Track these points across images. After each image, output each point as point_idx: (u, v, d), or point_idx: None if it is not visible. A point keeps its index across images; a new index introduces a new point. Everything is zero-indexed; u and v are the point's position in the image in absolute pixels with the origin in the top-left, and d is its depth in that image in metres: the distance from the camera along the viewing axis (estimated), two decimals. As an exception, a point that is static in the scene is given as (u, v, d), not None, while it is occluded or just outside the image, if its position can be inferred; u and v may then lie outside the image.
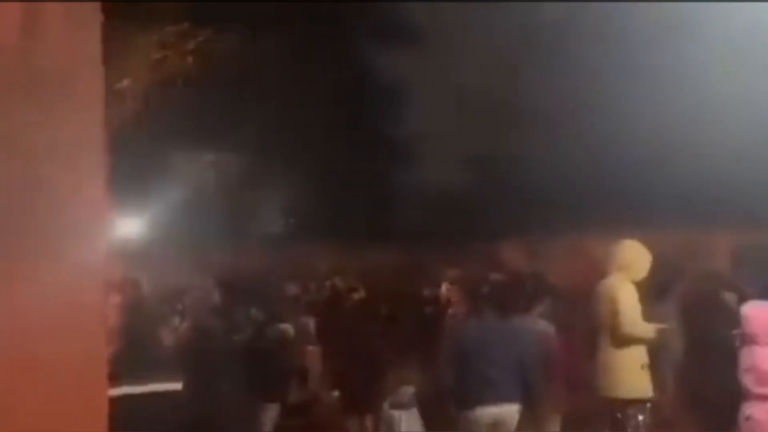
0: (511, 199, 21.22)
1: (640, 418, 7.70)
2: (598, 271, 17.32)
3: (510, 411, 7.42)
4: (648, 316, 8.07)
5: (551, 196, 20.76)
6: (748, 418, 6.15)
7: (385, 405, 8.81)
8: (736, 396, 6.42)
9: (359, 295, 13.42)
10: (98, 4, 2.89)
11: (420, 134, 22.93)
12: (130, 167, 21.85)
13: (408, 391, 8.48)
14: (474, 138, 22.27)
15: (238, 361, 8.50)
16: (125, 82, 19.18)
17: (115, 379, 5.13)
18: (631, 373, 7.70)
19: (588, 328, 8.66)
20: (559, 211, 19.50)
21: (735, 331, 6.56)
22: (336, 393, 11.69)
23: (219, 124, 21.31)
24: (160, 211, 22.70)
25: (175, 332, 9.49)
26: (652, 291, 8.48)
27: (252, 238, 22.78)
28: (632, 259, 8.08)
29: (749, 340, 6.38)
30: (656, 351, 8.06)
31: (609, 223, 18.54)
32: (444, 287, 13.89)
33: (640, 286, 8.24)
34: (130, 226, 24.09)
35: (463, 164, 22.19)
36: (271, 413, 9.58)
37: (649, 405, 7.79)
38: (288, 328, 10.65)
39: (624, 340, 7.76)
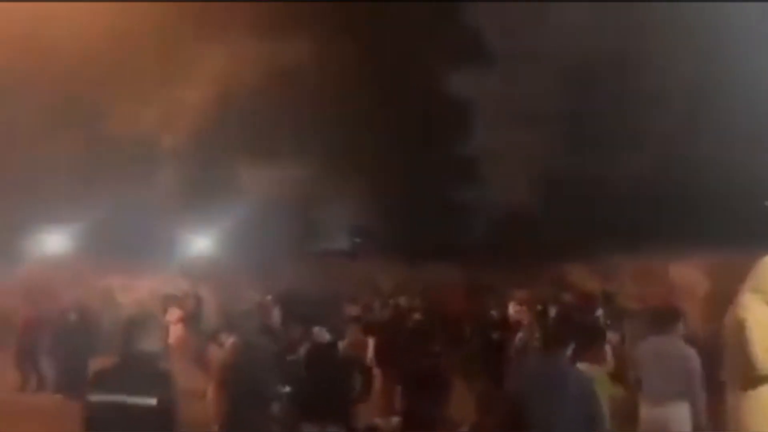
0: (581, 219, 20.39)
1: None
2: (675, 293, 16.67)
3: None
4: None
5: (622, 216, 19.88)
6: None
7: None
8: None
9: (421, 315, 12.87)
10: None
11: (487, 153, 22.31)
12: (196, 181, 21.85)
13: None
14: (542, 157, 21.56)
15: (291, 381, 7.90)
16: (193, 93, 19.12)
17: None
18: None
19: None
20: (631, 231, 18.61)
21: None
22: (395, 419, 11.10)
23: (287, 140, 21.06)
24: (225, 226, 22.56)
25: (221, 347, 9.00)
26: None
27: (316, 256, 22.36)
28: None
29: None
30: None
31: (685, 244, 17.75)
32: (512, 308, 13.14)
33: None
34: (195, 240, 24.08)
35: (531, 183, 21.45)
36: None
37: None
38: (347, 348, 10.01)
39: (757, 380, 5.86)
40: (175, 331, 17.20)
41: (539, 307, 13.74)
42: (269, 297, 13.15)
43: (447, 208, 21.96)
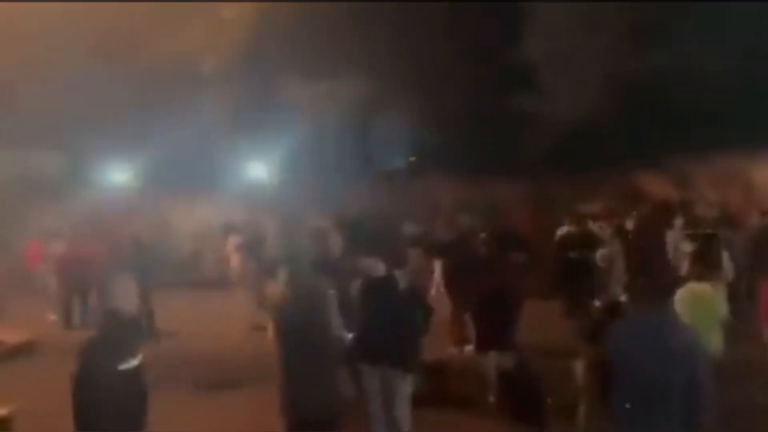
0: (651, 125, 19.24)
1: None
2: (761, 201, 15.69)
3: None
4: None
5: (696, 119, 18.68)
6: None
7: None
8: None
9: (489, 234, 12.19)
10: None
11: (549, 59, 21.07)
12: (245, 101, 21.26)
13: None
14: (606, 58, 20.24)
15: (347, 320, 7.25)
16: (232, 10, 18.32)
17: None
18: None
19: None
20: (706, 134, 17.43)
21: None
22: (469, 348, 10.66)
23: (336, 51, 20.14)
24: (279, 149, 22.06)
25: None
26: None
27: (374, 176, 21.71)
28: None
29: None
30: None
31: (764, 143, 16.60)
32: (597, 226, 12.34)
33: None
34: (250, 162, 23.67)
35: (595, 88, 20.24)
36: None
37: None
38: (409, 276, 9.36)
39: None
40: (236, 260, 16.99)
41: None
42: (328, 222, 12.52)
43: (508, 119, 20.95)
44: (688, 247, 14.26)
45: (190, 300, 15.65)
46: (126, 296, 5.69)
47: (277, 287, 9.32)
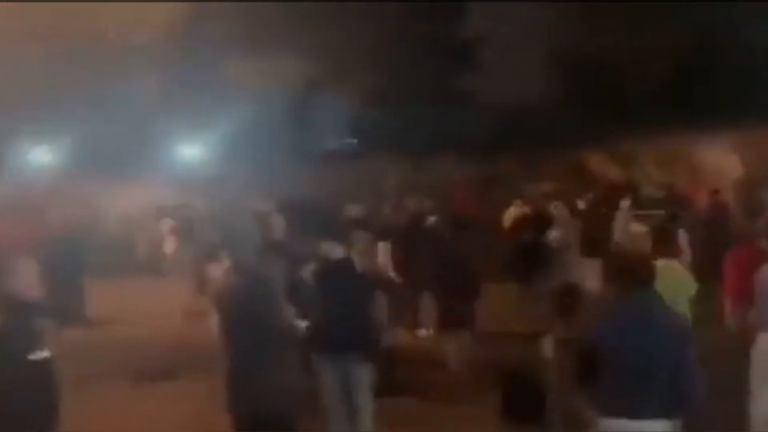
0: (597, 103, 19.09)
1: None
2: (708, 181, 15.76)
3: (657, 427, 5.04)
4: None
5: (642, 99, 18.62)
6: None
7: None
8: None
9: (437, 217, 11.90)
10: None
11: (495, 36, 20.72)
12: (179, 78, 20.44)
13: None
14: (552, 37, 20.02)
15: (301, 307, 6.76)
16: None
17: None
18: None
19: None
20: (653, 114, 17.40)
21: None
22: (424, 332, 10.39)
23: (278, 31, 19.47)
24: (216, 128, 21.32)
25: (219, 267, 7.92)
26: None
27: (315, 157, 21.16)
28: None
29: None
30: None
31: (711, 122, 16.61)
32: (553, 206, 12.13)
33: None
34: (184, 144, 22.87)
35: (541, 67, 20.03)
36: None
37: None
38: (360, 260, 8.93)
39: None
40: (171, 244, 16.38)
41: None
42: (269, 205, 12.04)
43: (452, 98, 20.59)
44: (637, 227, 14.31)
45: (123, 286, 14.92)
46: (25, 280, 5.13)
47: (219, 272, 8.80)
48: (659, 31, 18.42)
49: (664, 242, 7.85)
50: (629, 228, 14.14)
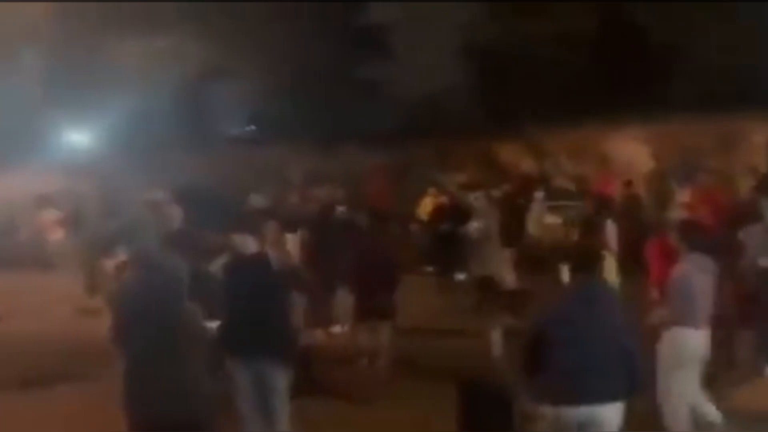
0: (508, 92, 19.02)
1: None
2: (619, 173, 15.84)
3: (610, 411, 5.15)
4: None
5: (554, 89, 18.64)
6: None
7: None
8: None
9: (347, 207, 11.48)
10: None
11: (400, 22, 20.38)
12: (67, 60, 19.27)
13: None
14: (463, 25, 19.84)
15: (208, 306, 6.16)
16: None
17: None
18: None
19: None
20: (565, 105, 17.42)
21: None
22: (336, 328, 9.91)
23: (172, 10, 18.54)
24: (104, 110, 20.27)
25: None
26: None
27: (212, 144, 20.33)
28: None
29: None
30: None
31: (622, 118, 16.78)
32: (472, 197, 11.86)
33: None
34: (70, 129, 21.65)
35: (452, 56, 19.82)
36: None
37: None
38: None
39: None
40: (57, 236, 15.38)
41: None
42: (164, 194, 11.32)
43: (360, 86, 20.18)
44: (551, 219, 14.30)
45: (2, 279, 13.84)
46: None
47: (114, 267, 8.09)
48: (572, 21, 18.46)
49: (591, 233, 7.97)
50: (543, 219, 14.32)
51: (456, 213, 11.56)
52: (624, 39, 18.27)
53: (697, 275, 6.30)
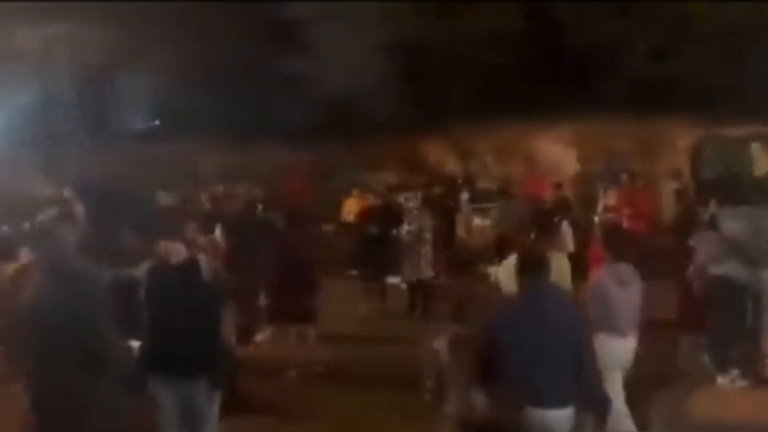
0: (430, 89, 18.70)
1: None
2: (546, 174, 15.75)
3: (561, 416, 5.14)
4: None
5: (480, 88, 18.42)
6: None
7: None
8: None
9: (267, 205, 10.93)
10: None
11: (318, 16, 19.83)
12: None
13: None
14: (389, 22, 19.45)
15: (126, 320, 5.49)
16: None
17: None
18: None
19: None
20: (490, 105, 17.22)
21: None
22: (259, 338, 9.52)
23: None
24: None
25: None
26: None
27: (116, 139, 19.33)
28: None
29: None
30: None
31: (549, 119, 16.71)
32: (404, 198, 11.44)
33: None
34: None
35: (373, 52, 19.38)
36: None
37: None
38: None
39: None
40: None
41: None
42: (67, 191, 10.49)
43: (278, 81, 19.52)
44: (479, 221, 14.04)
45: None
46: None
47: (15, 274, 7.31)
48: (498, 20, 18.33)
49: (547, 235, 7.89)
50: (471, 221, 14.06)
51: (386, 214, 11.12)
52: (550, 39, 18.26)
53: (614, 286, 6.33)
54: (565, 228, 8.53)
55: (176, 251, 5.79)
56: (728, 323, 7.54)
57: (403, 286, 11.16)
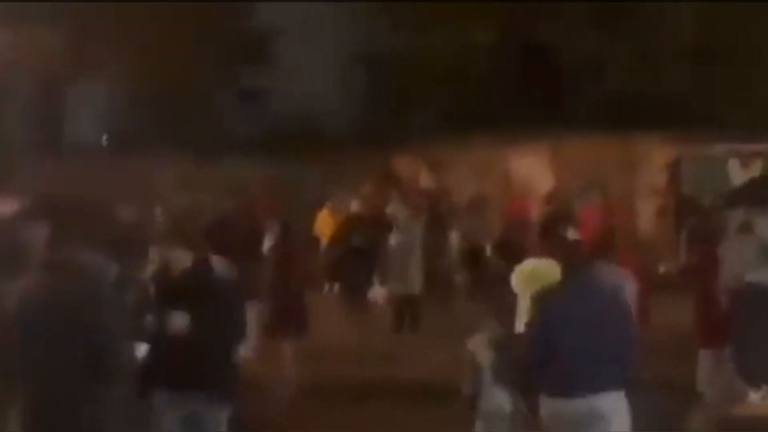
0: (403, 102, 18.47)
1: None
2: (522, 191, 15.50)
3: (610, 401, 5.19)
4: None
5: (452, 97, 18.19)
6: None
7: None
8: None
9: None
10: None
11: (282, 29, 19.45)
12: None
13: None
14: (361, 35, 19.19)
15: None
16: None
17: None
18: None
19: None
20: (465, 119, 17.06)
21: None
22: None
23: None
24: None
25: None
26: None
27: (70, 151, 18.73)
28: None
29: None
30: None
31: (524, 135, 16.55)
32: (392, 207, 11.08)
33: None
34: None
35: (341, 64, 19.13)
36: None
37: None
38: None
39: None
40: None
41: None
42: (24, 205, 9.82)
43: (242, 94, 19.17)
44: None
45: None
46: None
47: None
48: (473, 34, 18.18)
49: (551, 241, 7.29)
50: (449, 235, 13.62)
51: (372, 225, 10.73)
52: (526, 55, 18.19)
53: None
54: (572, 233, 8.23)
55: (180, 258, 5.44)
56: (762, 334, 7.13)
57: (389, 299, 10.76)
